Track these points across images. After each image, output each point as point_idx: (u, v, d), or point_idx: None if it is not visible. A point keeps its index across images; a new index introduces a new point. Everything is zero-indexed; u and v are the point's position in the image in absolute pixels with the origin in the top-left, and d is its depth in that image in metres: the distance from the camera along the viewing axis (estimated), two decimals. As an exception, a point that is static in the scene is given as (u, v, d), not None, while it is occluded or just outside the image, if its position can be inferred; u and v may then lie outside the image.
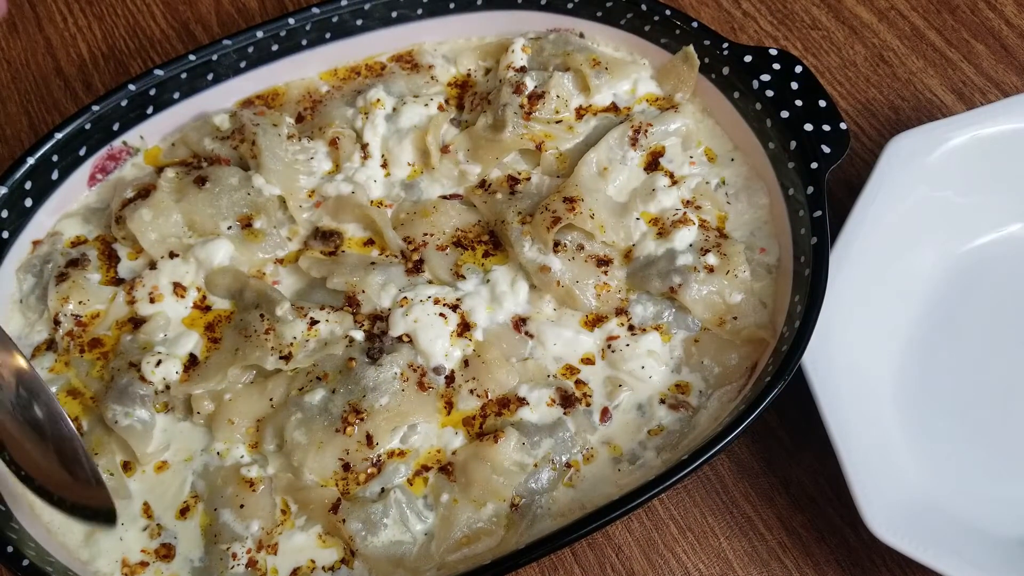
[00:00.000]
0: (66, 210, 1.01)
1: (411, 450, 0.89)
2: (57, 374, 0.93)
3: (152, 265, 0.96)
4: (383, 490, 0.86)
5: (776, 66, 0.99)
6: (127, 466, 0.88)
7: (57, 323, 0.94)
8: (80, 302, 0.95)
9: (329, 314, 0.93)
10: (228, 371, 0.89)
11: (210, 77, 1.04)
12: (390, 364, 0.89)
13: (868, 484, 0.83)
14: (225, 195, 0.98)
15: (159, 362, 0.90)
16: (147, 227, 0.95)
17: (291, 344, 0.90)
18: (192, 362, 0.92)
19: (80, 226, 1.00)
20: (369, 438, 0.86)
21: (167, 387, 0.90)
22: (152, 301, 0.94)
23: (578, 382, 0.92)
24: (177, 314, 0.95)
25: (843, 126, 0.95)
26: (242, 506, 0.84)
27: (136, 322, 0.94)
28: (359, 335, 0.92)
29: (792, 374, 0.82)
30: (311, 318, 0.92)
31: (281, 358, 0.89)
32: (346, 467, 0.86)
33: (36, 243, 0.99)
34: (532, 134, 1.01)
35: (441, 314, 0.92)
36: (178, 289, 0.95)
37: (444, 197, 1.03)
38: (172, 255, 0.96)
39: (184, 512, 0.87)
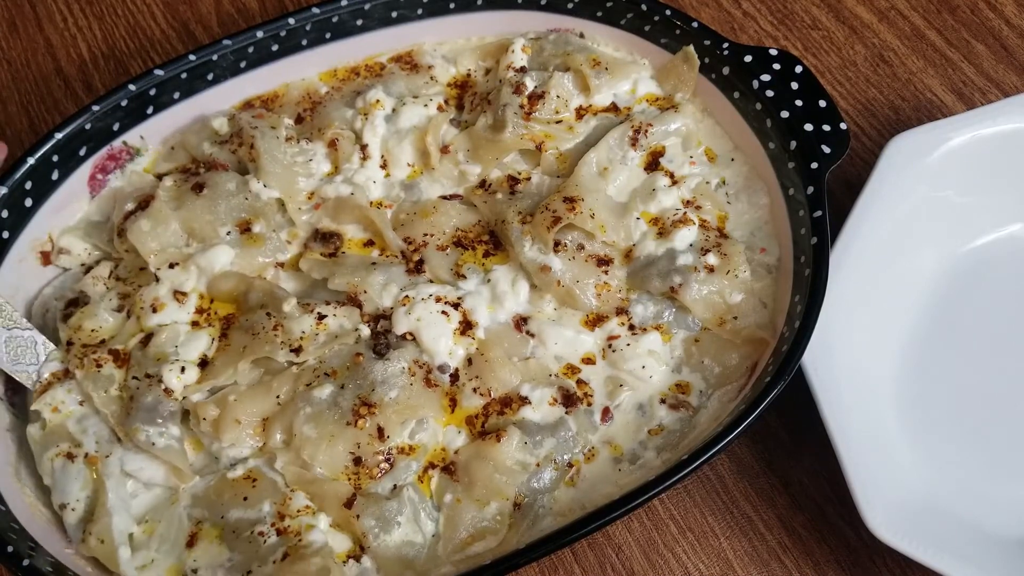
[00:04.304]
0: (66, 223, 1.00)
1: (419, 446, 0.89)
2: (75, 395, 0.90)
3: (156, 279, 0.94)
4: (395, 487, 0.86)
5: (776, 66, 0.99)
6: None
7: (70, 344, 0.92)
8: (92, 330, 0.93)
9: (336, 308, 0.92)
10: (238, 365, 0.88)
11: (210, 77, 1.04)
12: (397, 359, 0.89)
13: (868, 484, 0.83)
14: (223, 200, 0.97)
15: (183, 369, 0.89)
16: (146, 237, 0.94)
17: (301, 338, 0.89)
18: (203, 367, 0.91)
19: (81, 241, 0.99)
20: (380, 431, 0.86)
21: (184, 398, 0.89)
22: (155, 311, 0.92)
23: (579, 382, 0.92)
24: (182, 319, 0.93)
25: (843, 126, 0.95)
26: (245, 498, 0.84)
27: (147, 337, 0.92)
28: (365, 331, 0.92)
29: (792, 374, 0.82)
30: (318, 313, 0.91)
31: (292, 351, 0.89)
32: (357, 461, 0.86)
33: (44, 254, 0.98)
34: (532, 134, 1.01)
35: (443, 312, 0.92)
36: (178, 295, 0.94)
37: (444, 197, 1.03)
38: (171, 265, 0.94)
39: (191, 543, 0.84)
